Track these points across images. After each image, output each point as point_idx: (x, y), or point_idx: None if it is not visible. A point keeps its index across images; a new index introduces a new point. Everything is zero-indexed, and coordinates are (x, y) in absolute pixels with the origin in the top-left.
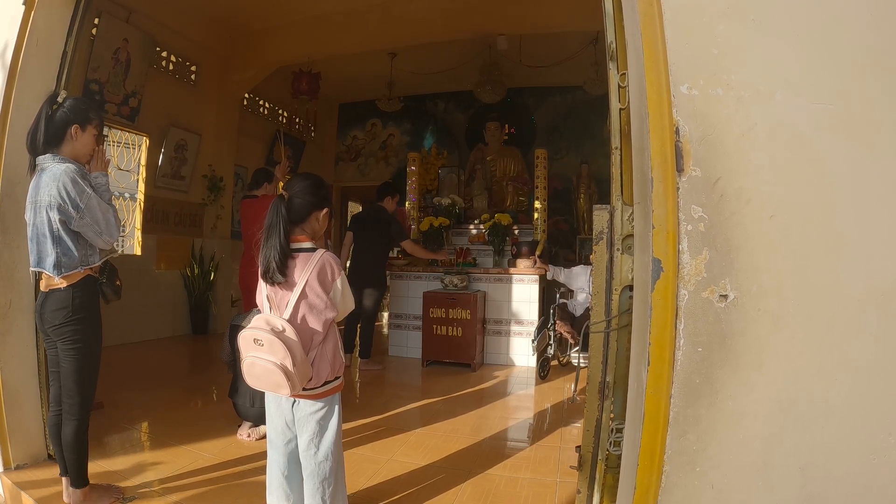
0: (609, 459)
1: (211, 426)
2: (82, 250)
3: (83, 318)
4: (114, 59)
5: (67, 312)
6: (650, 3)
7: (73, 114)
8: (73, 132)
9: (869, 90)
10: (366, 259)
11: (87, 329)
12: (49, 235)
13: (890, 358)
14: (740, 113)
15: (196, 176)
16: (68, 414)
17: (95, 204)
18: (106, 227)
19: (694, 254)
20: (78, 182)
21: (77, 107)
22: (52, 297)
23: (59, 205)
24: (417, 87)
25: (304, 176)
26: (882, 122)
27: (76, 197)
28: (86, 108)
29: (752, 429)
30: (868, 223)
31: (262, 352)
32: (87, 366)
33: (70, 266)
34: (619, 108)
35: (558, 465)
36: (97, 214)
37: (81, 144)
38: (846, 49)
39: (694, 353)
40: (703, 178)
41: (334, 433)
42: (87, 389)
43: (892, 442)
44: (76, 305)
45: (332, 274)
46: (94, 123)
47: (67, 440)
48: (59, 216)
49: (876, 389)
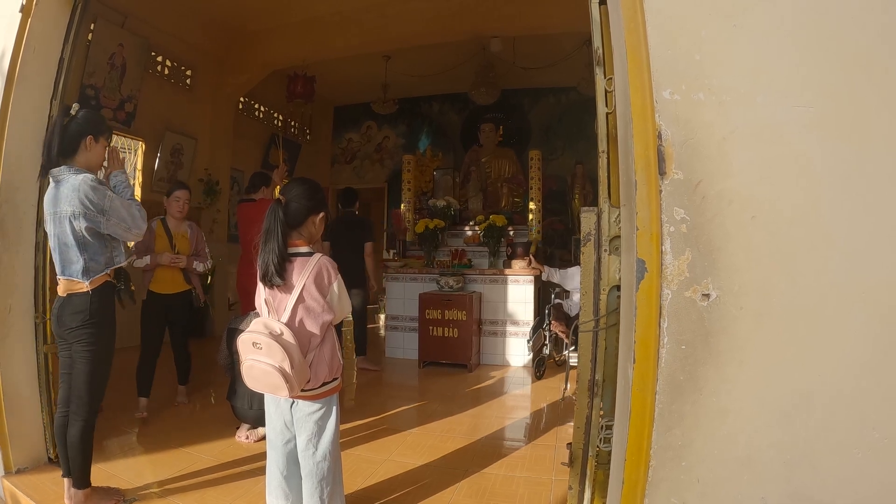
0: (599, 456)
1: (210, 428)
2: (108, 252)
3: (99, 322)
4: (109, 63)
5: (85, 316)
6: (634, 10)
7: (87, 125)
8: (87, 143)
9: (850, 92)
10: (348, 261)
11: (102, 332)
12: (74, 244)
13: (873, 353)
14: (722, 117)
15: (192, 180)
16: (76, 414)
17: (119, 204)
18: (133, 222)
19: (677, 254)
20: (98, 188)
21: (91, 118)
22: (71, 302)
23: (85, 213)
24: (412, 89)
25: (300, 181)
26: (864, 122)
27: (100, 202)
28: (99, 120)
29: (737, 424)
30: (850, 222)
31: (260, 355)
32: (99, 368)
33: (97, 270)
34: (606, 112)
35: (554, 463)
36: (122, 213)
37: (94, 155)
38: (828, 52)
39: (678, 351)
40: (686, 180)
41: (332, 433)
42: (97, 392)
43: (877, 437)
44: (93, 310)
45: (328, 278)
46: (106, 135)
47: (73, 440)
48: (87, 224)
49: (860, 385)
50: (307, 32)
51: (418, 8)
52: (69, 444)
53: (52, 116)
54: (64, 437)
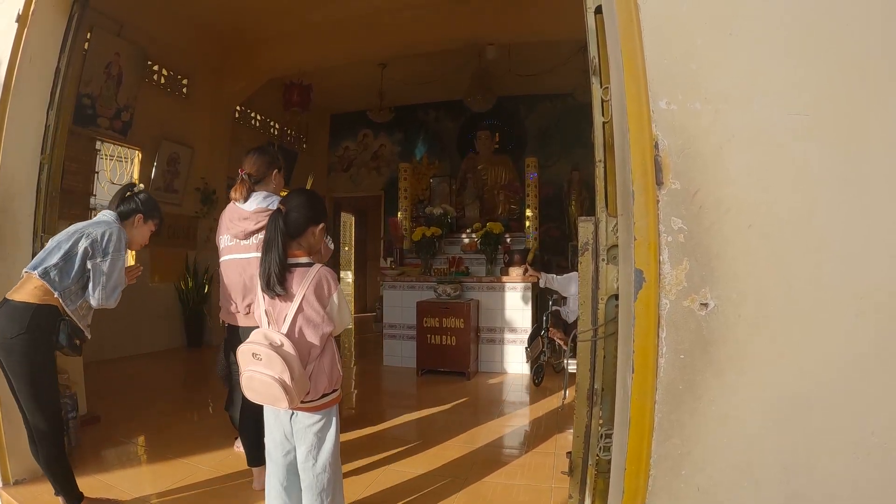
0: (599, 464)
1: (207, 439)
2: (75, 287)
3: (36, 338)
4: (105, 72)
5: (21, 326)
6: (630, 20)
7: (142, 206)
8: (136, 220)
9: (847, 98)
10: None
11: (39, 348)
12: (63, 250)
13: (872, 357)
14: (718, 125)
15: (189, 189)
16: (39, 442)
17: (117, 268)
18: (109, 287)
19: (675, 264)
20: (122, 242)
21: (149, 202)
22: (10, 306)
23: (95, 240)
24: (408, 96)
25: (300, 191)
26: (860, 128)
27: (112, 249)
28: (155, 206)
29: (736, 431)
30: (847, 228)
31: (260, 366)
32: (43, 388)
33: (53, 284)
34: (603, 121)
35: (553, 471)
36: (113, 274)
37: (139, 233)
38: (824, 59)
39: (676, 360)
40: (683, 190)
41: (332, 445)
42: (50, 412)
43: (875, 441)
44: (32, 325)
45: (328, 289)
46: (156, 221)
47: (45, 466)
48: (89, 246)
49: (858, 389)
50: (303, 41)
51: (413, 16)
52: (44, 469)
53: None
54: None
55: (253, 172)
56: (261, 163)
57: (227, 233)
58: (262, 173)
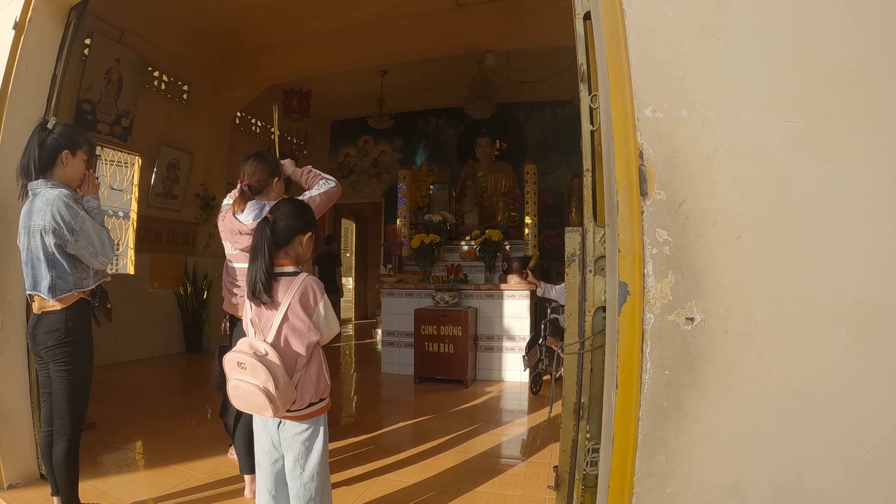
0: (587, 479)
1: (202, 446)
2: (77, 273)
3: (75, 341)
4: (106, 78)
5: (60, 335)
6: (615, 26)
7: (63, 140)
8: (63, 158)
9: (836, 107)
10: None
11: (79, 351)
12: (44, 259)
13: (862, 372)
14: (706, 134)
15: (188, 195)
16: (59, 434)
17: (90, 226)
18: (101, 248)
19: (659, 277)
20: (71, 206)
21: (67, 133)
22: (45, 320)
23: (55, 229)
24: (408, 103)
25: (289, 200)
26: (849, 137)
27: (71, 220)
28: (75, 134)
29: (722, 450)
30: (837, 239)
31: (245, 375)
32: (78, 387)
33: (64, 289)
34: (591, 129)
35: (548, 481)
36: (92, 236)
37: (72, 169)
38: (813, 67)
39: (661, 377)
40: (668, 201)
41: (320, 454)
42: (78, 410)
43: (870, 459)
44: (69, 328)
45: (314, 298)
46: (84, 149)
47: (58, 460)
48: (55, 240)
49: (850, 405)
50: (303, 48)
51: (413, 23)
52: (55, 463)
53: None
54: (50, 456)
55: (253, 183)
56: (261, 171)
57: (229, 243)
58: (263, 183)
